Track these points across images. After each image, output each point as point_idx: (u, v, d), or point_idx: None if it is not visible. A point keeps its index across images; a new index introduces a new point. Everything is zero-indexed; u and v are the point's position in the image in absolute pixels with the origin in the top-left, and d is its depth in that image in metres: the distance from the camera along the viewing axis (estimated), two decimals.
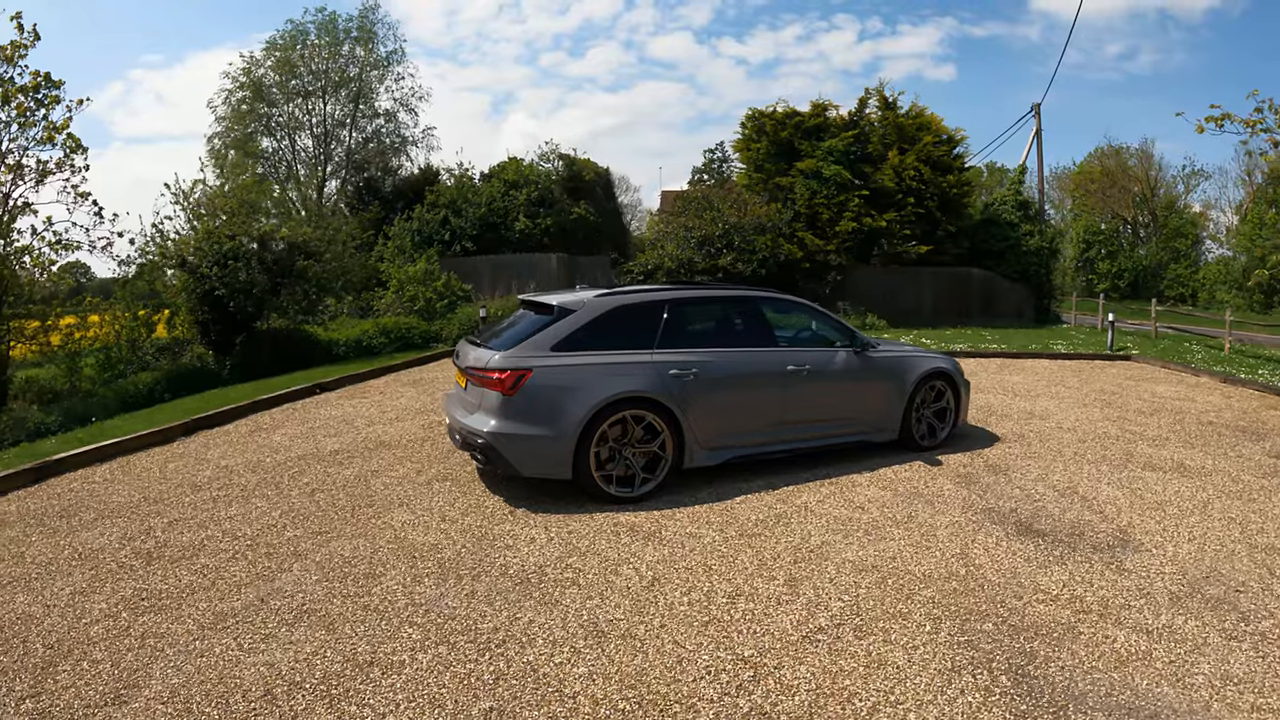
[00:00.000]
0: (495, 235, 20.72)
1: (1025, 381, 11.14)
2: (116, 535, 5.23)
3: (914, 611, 4.01)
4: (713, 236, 19.69)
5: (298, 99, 22.23)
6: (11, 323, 10.42)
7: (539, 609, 4.01)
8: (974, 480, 6.21)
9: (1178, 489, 5.99)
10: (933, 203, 20.24)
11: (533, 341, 5.73)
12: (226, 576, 4.45)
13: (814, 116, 20.98)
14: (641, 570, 4.52)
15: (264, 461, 7.04)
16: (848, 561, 4.66)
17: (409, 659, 3.49)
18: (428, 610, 3.98)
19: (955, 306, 20.54)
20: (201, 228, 11.56)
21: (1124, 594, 4.16)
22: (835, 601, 4.14)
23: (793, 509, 5.58)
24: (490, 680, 3.31)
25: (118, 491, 6.29)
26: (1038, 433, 7.88)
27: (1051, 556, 4.66)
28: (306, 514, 5.54)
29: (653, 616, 3.94)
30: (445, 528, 5.22)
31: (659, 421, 5.80)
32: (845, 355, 6.69)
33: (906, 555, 4.73)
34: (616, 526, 5.23)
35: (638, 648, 3.62)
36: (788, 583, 4.37)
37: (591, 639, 3.70)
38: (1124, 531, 5.06)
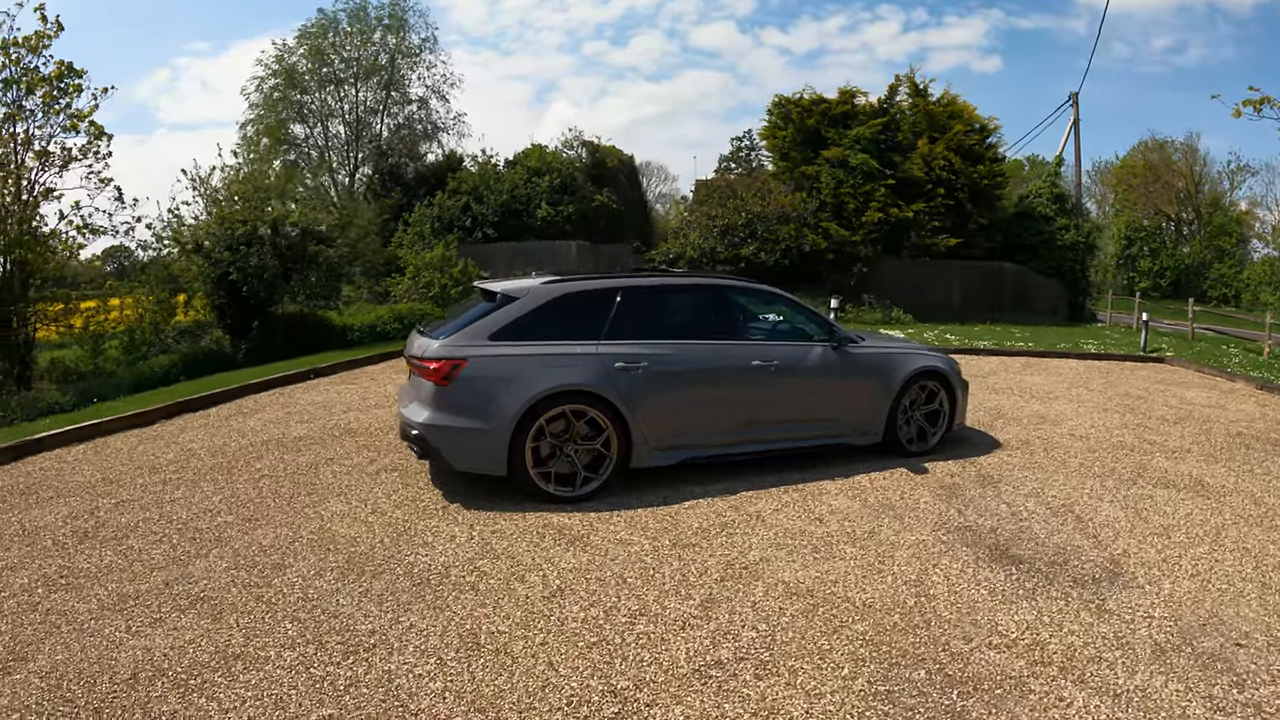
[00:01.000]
0: (518, 222, 20.25)
1: (1046, 383, 10.12)
2: (63, 514, 5.10)
3: (836, 649, 3.36)
4: (735, 226, 18.88)
5: (330, 86, 22.06)
6: (36, 305, 10.30)
7: (425, 614, 3.65)
8: (957, 493, 5.42)
9: (1189, 511, 5.10)
10: (963, 194, 18.93)
11: (471, 330, 5.23)
12: (145, 559, 4.33)
13: (841, 104, 19.84)
14: (549, 578, 4.05)
15: (227, 446, 6.74)
16: (781, 583, 4.01)
17: (274, 655, 3.28)
18: (315, 607, 3.72)
19: (986, 302, 19.23)
20: (217, 213, 11.40)
21: (1097, 642, 3.39)
22: (749, 630, 3.52)
23: (743, 518, 4.93)
24: (342, 686, 3.05)
25: (81, 471, 6.12)
26: (1045, 439, 6.99)
27: (1021, 589, 3.90)
28: (246, 500, 5.29)
29: (538, 632, 3.50)
30: (372, 520, 4.87)
31: (602, 418, 5.22)
32: (822, 351, 5.95)
33: (851, 579, 4.05)
34: (545, 528, 4.73)
35: (507, 666, 3.22)
36: (703, 604, 3.78)
37: (464, 652, 3.32)
38: (1116, 561, 4.25)
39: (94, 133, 10.40)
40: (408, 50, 22.95)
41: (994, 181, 19.83)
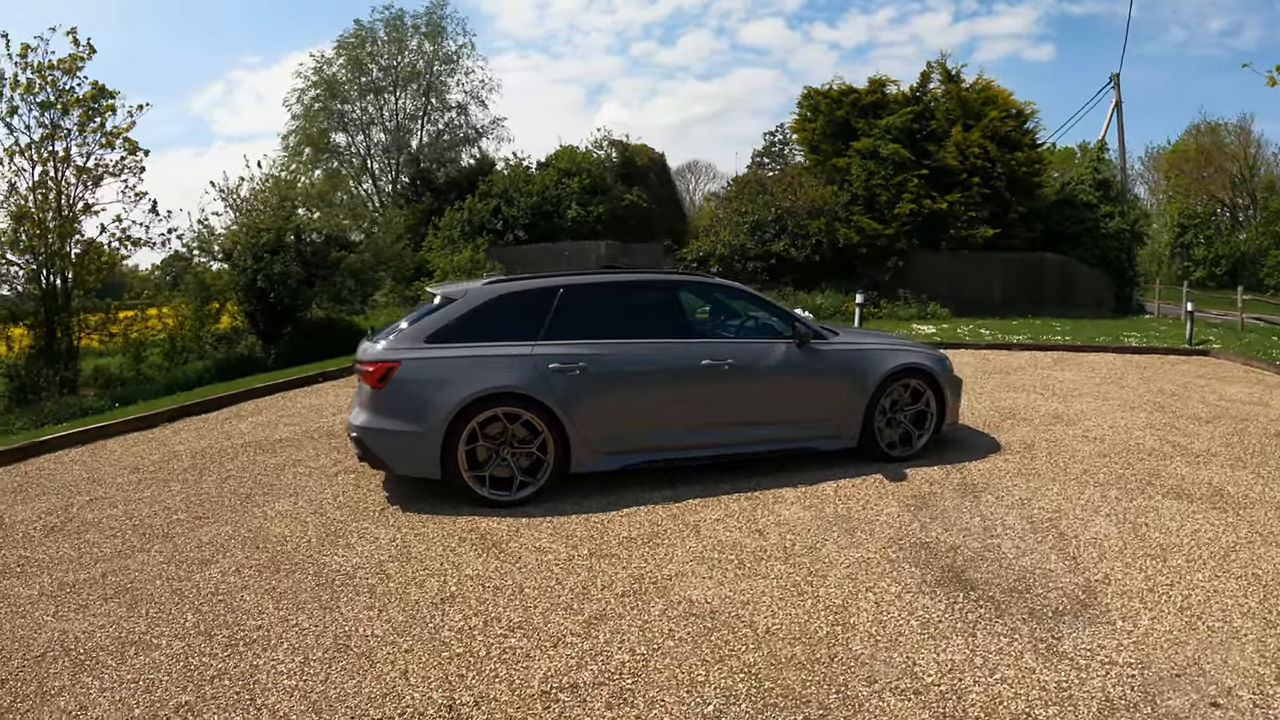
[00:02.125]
0: (549, 223, 19.94)
1: (1075, 379, 9.11)
2: (41, 509, 5.18)
3: (711, 682, 2.87)
4: (765, 222, 18.08)
5: (370, 95, 22.21)
6: (77, 316, 10.58)
7: (314, 613, 3.54)
8: (930, 503, 4.74)
9: (1198, 527, 4.28)
10: (1000, 182, 17.49)
11: (408, 333, 4.98)
12: (95, 552, 4.39)
13: (871, 93, 18.68)
14: (447, 584, 3.80)
15: (210, 448, 6.65)
16: (685, 601, 3.53)
17: (165, 644, 3.31)
18: (220, 601, 3.70)
19: (1028, 295, 17.79)
20: (244, 222, 11.51)
21: (1032, 694, 2.74)
22: (623, 653, 3.09)
23: (678, 527, 4.44)
24: (209, 676, 3.05)
25: (72, 471, 6.16)
26: (1053, 442, 6.16)
27: (961, 622, 3.26)
28: (205, 499, 5.25)
29: (411, 639, 3.29)
30: (309, 520, 4.75)
31: (538, 420, 4.82)
32: (784, 349, 5.35)
33: (766, 601, 3.51)
34: (469, 533, 4.43)
35: (363, 670, 3.06)
36: (590, 620, 3.38)
37: (331, 653, 3.19)
38: (1091, 589, 3.54)
39: (128, 148, 10.64)
40: (445, 57, 22.98)
41: (1032, 169, 18.28)
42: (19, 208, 9.45)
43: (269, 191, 11.86)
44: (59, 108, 9.88)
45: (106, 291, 12.44)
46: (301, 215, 11.99)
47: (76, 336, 10.46)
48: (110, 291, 12.94)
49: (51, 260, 9.87)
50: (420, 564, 4.04)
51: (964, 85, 18.73)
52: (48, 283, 9.96)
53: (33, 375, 9.44)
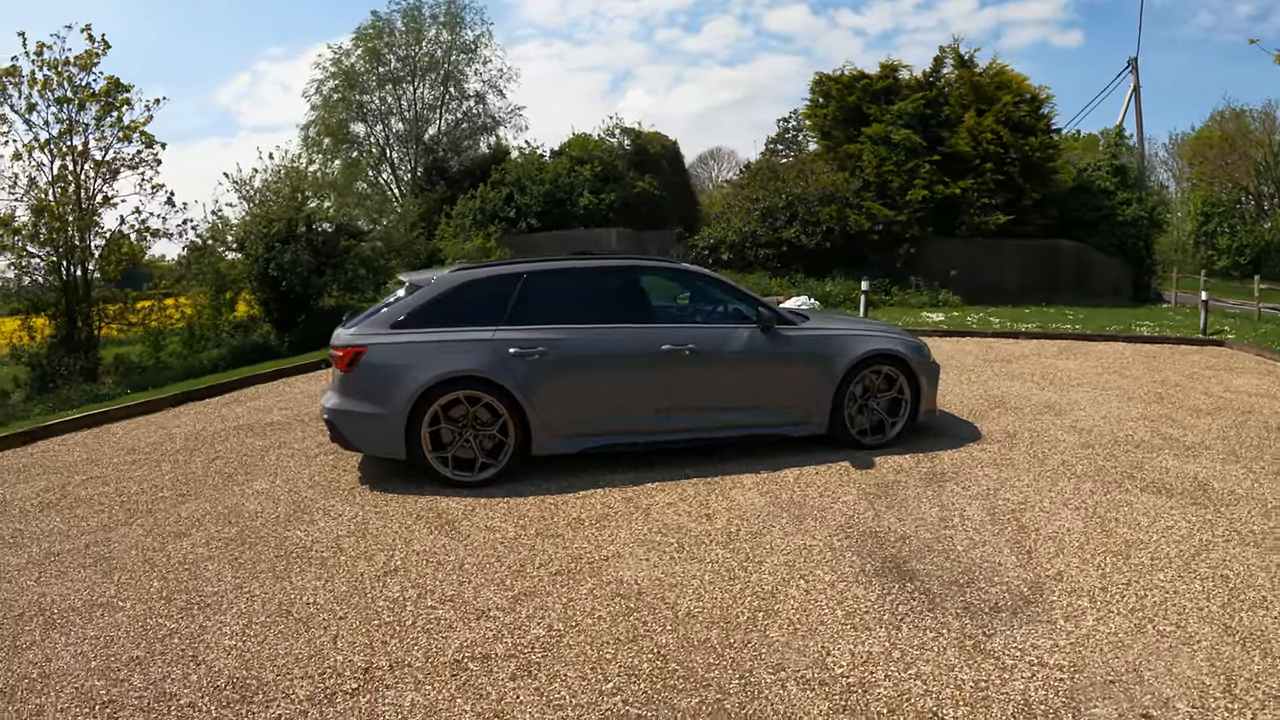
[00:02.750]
0: (561, 211, 19.74)
1: (1078, 368, 8.75)
2: (40, 487, 5.35)
3: (618, 661, 2.85)
4: (776, 208, 17.73)
5: (388, 85, 22.09)
6: (97, 306, 10.61)
7: (266, 582, 3.66)
8: (891, 492, 4.57)
9: (1172, 524, 4.04)
10: (1014, 168, 16.83)
11: (376, 319, 5.02)
12: (82, 525, 4.54)
13: (883, 79, 18.11)
14: (394, 558, 3.87)
15: (204, 431, 6.77)
16: (615, 582, 3.49)
17: (130, 606, 3.47)
18: (185, 570, 3.84)
19: (1043, 282, 17.16)
20: (256, 212, 11.62)
21: (944, 693, 2.60)
22: (539, 628, 3.11)
23: (629, 510, 4.39)
24: (161, 636, 3.19)
25: (73, 453, 6.31)
26: (1037, 432, 5.91)
27: (890, 614, 3.12)
28: (191, 478, 5.38)
29: (349, 607, 3.37)
30: (283, 498, 4.85)
31: (498, 404, 4.79)
32: (748, 334, 5.20)
33: (694, 585, 3.43)
34: (426, 512, 4.47)
35: (298, 634, 3.16)
36: (518, 597, 3.40)
37: (274, 618, 3.30)
38: (1038, 586, 3.35)
39: (145, 141, 10.71)
40: (463, 46, 22.80)
41: (1046, 154, 17.56)
42: (39, 201, 9.56)
43: (280, 182, 11.96)
44: (75, 103, 9.96)
45: (130, 281, 12.55)
46: (312, 205, 12.06)
47: (97, 326, 10.60)
48: (134, 281, 13.06)
49: (71, 252, 9.97)
50: (374, 539, 4.11)
51: (977, 70, 18.06)
52: (68, 274, 10.09)
53: (54, 363, 9.62)
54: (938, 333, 11.96)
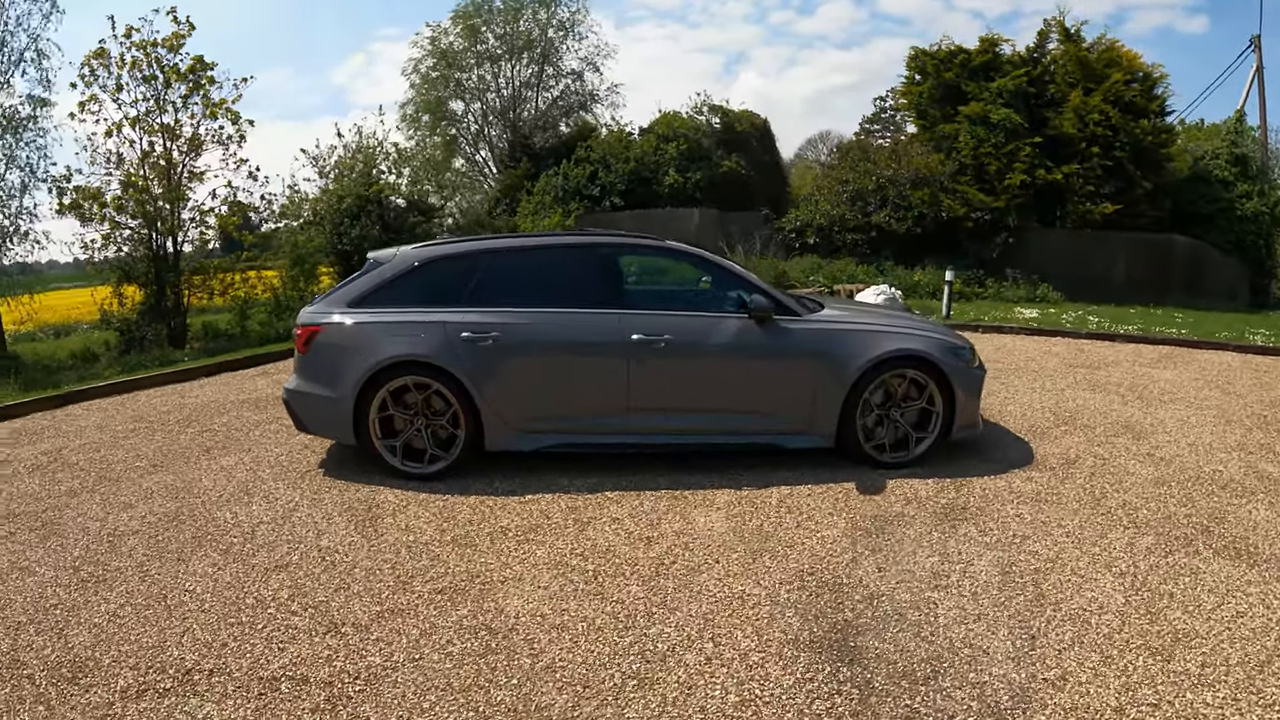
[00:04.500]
0: (646, 190, 18.69)
1: (1174, 380, 7.11)
2: (41, 450, 5.26)
3: (424, 713, 2.28)
4: (866, 191, 16.10)
5: (486, 63, 21.62)
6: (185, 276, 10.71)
7: (168, 564, 3.41)
8: (887, 529, 3.60)
9: (1244, 608, 2.88)
10: (1123, 153, 14.19)
11: (333, 298, 4.59)
12: (53, 489, 4.44)
13: (981, 54, 15.74)
14: (292, 553, 3.49)
15: (212, 402, 6.62)
16: (494, 611, 2.92)
17: (41, 573, 3.34)
18: (109, 543, 3.65)
19: (1153, 280, 14.51)
20: (329, 188, 11.65)
21: None
22: (379, 657, 2.65)
23: (565, 524, 3.72)
24: (49, 606, 3.06)
25: (89, 418, 6.26)
26: (1102, 459, 4.66)
27: (796, 713, 2.25)
28: (172, 450, 5.17)
29: (218, 601, 3.06)
30: (238, 476, 4.59)
31: (447, 392, 4.21)
32: (739, 325, 4.31)
33: (578, 629, 2.76)
34: (360, 503, 4.06)
35: (157, 621, 2.91)
36: (380, 615, 2.95)
37: (147, 602, 3.06)
38: (1024, 696, 2.38)
39: (231, 118, 10.73)
40: (559, 24, 22.18)
41: (1159, 139, 14.78)
42: (128, 176, 9.79)
43: (353, 159, 11.92)
44: (162, 81, 10.03)
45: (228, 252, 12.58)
46: (385, 181, 11.95)
47: (185, 295, 10.75)
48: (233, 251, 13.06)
49: (159, 223, 10.11)
50: (289, 529, 3.74)
51: (1084, 45, 15.39)
52: (156, 245, 10.28)
53: (142, 330, 9.89)
54: (1025, 331, 10.34)
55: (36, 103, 9.31)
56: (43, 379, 7.74)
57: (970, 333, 10.27)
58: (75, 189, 9.54)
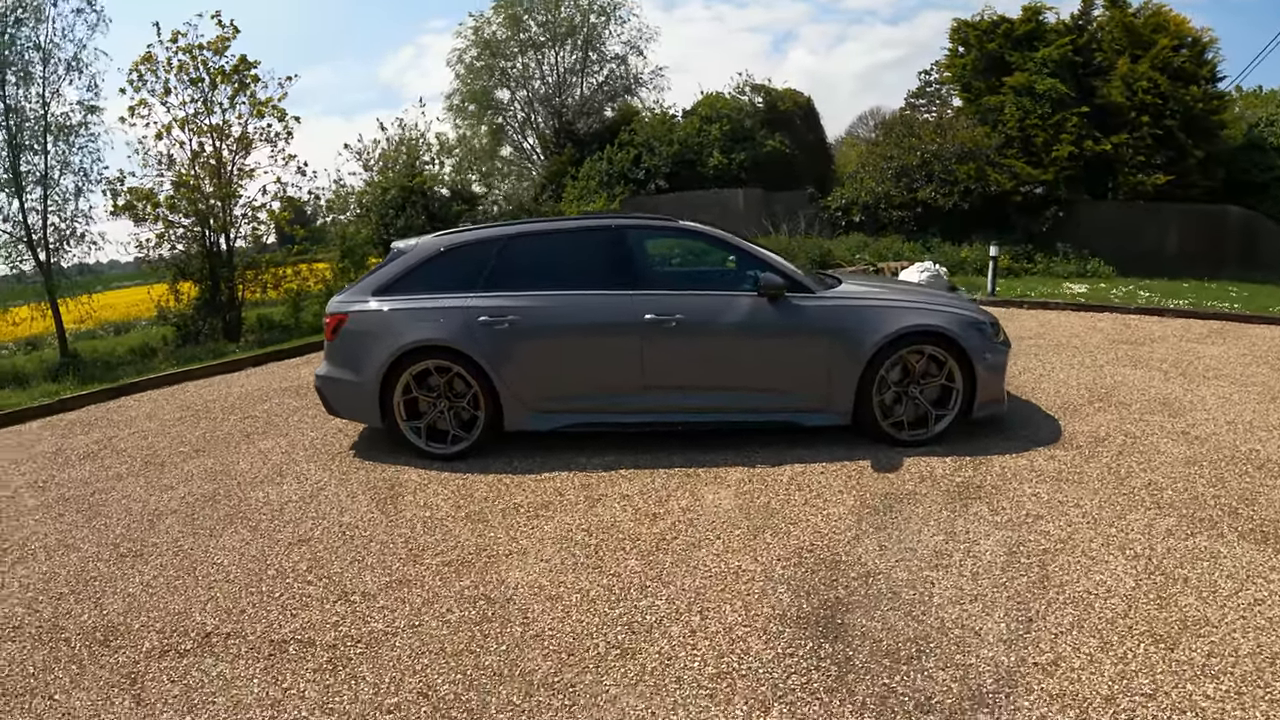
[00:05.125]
0: (691, 172, 18.38)
1: (1221, 355, 6.66)
2: (93, 439, 5.57)
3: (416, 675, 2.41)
4: (911, 167, 15.50)
5: (529, 50, 21.22)
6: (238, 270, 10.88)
7: (201, 539, 3.61)
8: (895, 507, 3.52)
9: (1264, 594, 2.69)
10: (1173, 121, 13.16)
11: (360, 286, 4.73)
12: (102, 474, 4.67)
13: (1025, 23, 14.76)
14: (315, 528, 3.64)
15: (256, 391, 6.84)
16: (495, 583, 3.03)
17: (84, 549, 3.59)
18: (150, 521, 3.88)
19: (1208, 252, 13.53)
20: (374, 181, 11.89)
21: None
22: (381, 623, 2.80)
23: (576, 500, 3.79)
24: (90, 577, 3.29)
25: (139, 409, 6.51)
26: (1133, 437, 4.42)
27: (771, 687, 2.29)
28: (215, 436, 5.43)
29: (242, 571, 3.25)
30: (274, 458, 4.77)
31: (466, 374, 4.30)
32: (750, 303, 4.24)
33: (572, 600, 2.82)
34: (383, 483, 4.20)
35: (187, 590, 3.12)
36: (389, 585, 3.04)
37: (179, 574, 3.26)
38: (1009, 679, 2.30)
39: (277, 115, 10.82)
40: (599, 8, 21.75)
41: (1210, 106, 13.66)
42: (179, 176, 10.06)
43: (396, 151, 12.14)
44: (209, 83, 10.19)
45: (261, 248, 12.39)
46: (429, 171, 12.13)
47: (240, 289, 10.91)
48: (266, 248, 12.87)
49: (209, 220, 10.33)
50: (314, 507, 3.90)
51: (1129, 10, 14.28)
52: (209, 241, 10.50)
53: (197, 324, 10.19)
54: (1071, 307, 9.84)
55: (87, 109, 9.43)
56: (101, 374, 8.07)
57: (1014, 309, 9.87)
58: (129, 190, 9.86)
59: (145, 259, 10.29)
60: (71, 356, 9.15)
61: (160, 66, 9.78)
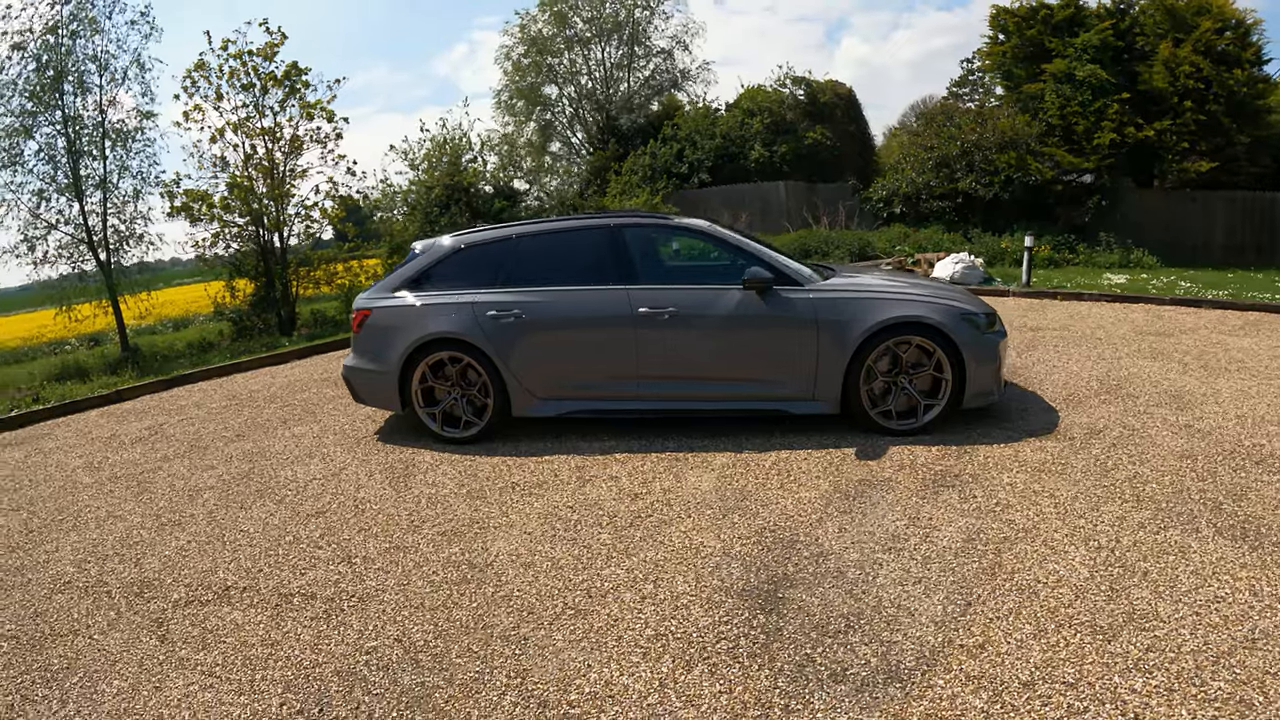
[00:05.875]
0: (733, 165, 18.32)
1: (1251, 347, 6.33)
2: (144, 426, 6.03)
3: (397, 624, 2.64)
4: (951, 157, 15.06)
5: (576, 47, 21.19)
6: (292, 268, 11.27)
7: (232, 511, 3.98)
8: (867, 493, 3.60)
9: (1225, 592, 2.62)
10: (1217, 106, 12.38)
11: (383, 284, 5.07)
12: (151, 455, 5.16)
13: (1064, 8, 14.00)
14: (332, 503, 3.97)
15: (296, 381, 7.23)
16: (481, 550, 3.31)
17: (131, 519, 4.00)
18: (190, 495, 4.27)
19: (1256, 241, 12.70)
20: (418, 180, 12.32)
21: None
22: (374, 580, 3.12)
23: (568, 480, 4.03)
24: (133, 542, 3.68)
25: (189, 398, 6.94)
26: (1132, 429, 4.32)
27: (701, 649, 2.44)
28: (255, 423, 5.83)
29: (265, 538, 3.60)
30: (306, 442, 5.13)
31: (477, 365, 4.59)
32: (739, 296, 4.35)
33: (544, 567, 3.05)
34: (400, 464, 4.52)
35: (214, 553, 3.50)
36: (386, 550, 3.36)
37: (209, 540, 3.63)
38: (930, 659, 2.34)
39: (326, 117, 11.16)
40: (645, 3, 21.31)
41: (1255, 90, 12.78)
42: (232, 178, 10.47)
43: (440, 150, 12.55)
44: (259, 89, 10.56)
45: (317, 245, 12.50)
46: (473, 169, 12.47)
47: (294, 286, 11.25)
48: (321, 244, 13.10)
49: (263, 219, 10.71)
50: (335, 484, 4.22)
51: None
52: (264, 240, 10.88)
53: (253, 319, 10.66)
54: (1106, 298, 9.46)
55: (143, 115, 9.90)
56: (159, 368, 8.55)
57: (1047, 300, 9.57)
58: (185, 192, 10.28)
59: (202, 257, 10.70)
60: (132, 351, 9.62)
61: (212, 73, 10.17)
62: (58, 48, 9.20)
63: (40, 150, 9.35)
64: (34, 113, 9.21)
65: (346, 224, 12.22)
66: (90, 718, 2.35)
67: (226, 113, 10.41)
